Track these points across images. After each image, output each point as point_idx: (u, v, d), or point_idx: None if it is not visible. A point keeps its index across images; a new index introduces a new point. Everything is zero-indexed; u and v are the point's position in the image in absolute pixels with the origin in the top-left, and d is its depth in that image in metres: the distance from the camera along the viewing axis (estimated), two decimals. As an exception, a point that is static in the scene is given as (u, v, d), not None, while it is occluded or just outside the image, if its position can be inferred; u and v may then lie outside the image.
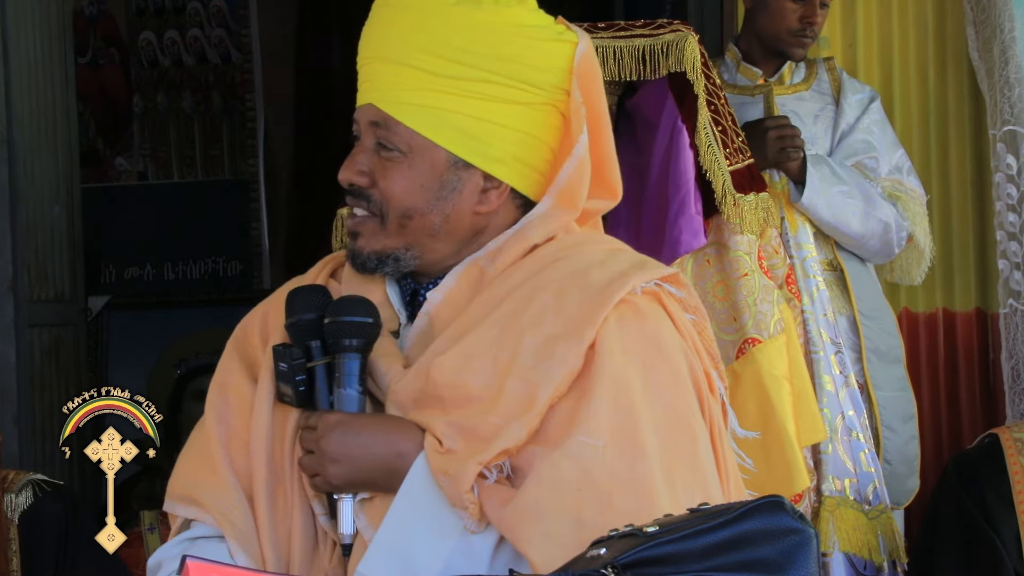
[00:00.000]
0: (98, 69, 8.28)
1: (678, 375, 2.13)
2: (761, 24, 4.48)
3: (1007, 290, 4.72)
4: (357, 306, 2.18)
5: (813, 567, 1.75)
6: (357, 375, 2.16)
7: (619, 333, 2.09)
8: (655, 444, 2.05)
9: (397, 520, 2.09)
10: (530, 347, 2.09)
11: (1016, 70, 4.70)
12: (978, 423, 4.91)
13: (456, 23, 2.17)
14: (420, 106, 2.18)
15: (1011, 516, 4.17)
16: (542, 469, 2.03)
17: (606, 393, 2.06)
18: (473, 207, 2.20)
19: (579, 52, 2.19)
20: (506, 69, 2.17)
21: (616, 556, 1.70)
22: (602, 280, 2.12)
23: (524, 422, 2.05)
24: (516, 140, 2.19)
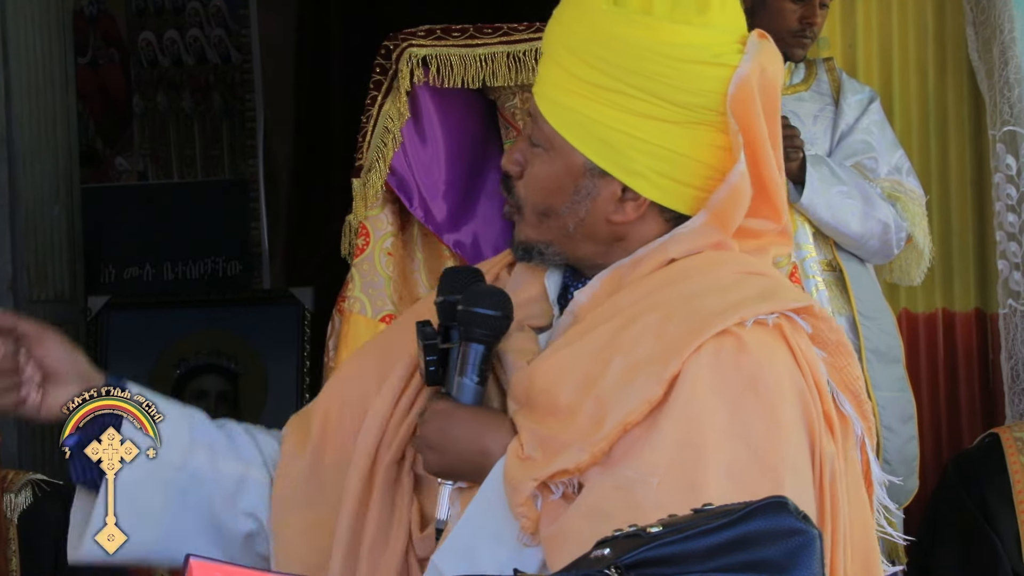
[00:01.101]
0: (98, 69, 8.28)
1: (776, 417, 2.03)
2: (761, 24, 4.43)
3: (1006, 290, 4.72)
4: (488, 297, 2.18)
5: (817, 568, 1.74)
6: (477, 365, 2.16)
7: (712, 367, 2.02)
8: (724, 486, 1.97)
9: (471, 518, 2.09)
10: (618, 368, 2.05)
11: (1016, 71, 4.70)
12: (977, 423, 4.91)
13: (602, 31, 2.14)
14: (563, 107, 2.16)
15: (1011, 515, 4.17)
16: (589, 497, 2.00)
17: (673, 429, 2.00)
18: (608, 215, 2.17)
19: (737, 76, 2.12)
20: (647, 86, 2.12)
21: (620, 556, 1.70)
22: (712, 308, 2.06)
23: (587, 445, 2.02)
24: (658, 155, 2.14)
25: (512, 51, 3.81)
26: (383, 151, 3.66)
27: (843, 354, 2.16)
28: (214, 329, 6.65)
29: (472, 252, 3.89)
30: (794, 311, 2.10)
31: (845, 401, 2.14)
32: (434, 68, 3.68)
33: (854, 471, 2.15)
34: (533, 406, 2.09)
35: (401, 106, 3.68)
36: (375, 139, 3.68)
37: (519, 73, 3.79)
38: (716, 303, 2.06)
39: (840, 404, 2.14)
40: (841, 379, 2.15)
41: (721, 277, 2.12)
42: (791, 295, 2.13)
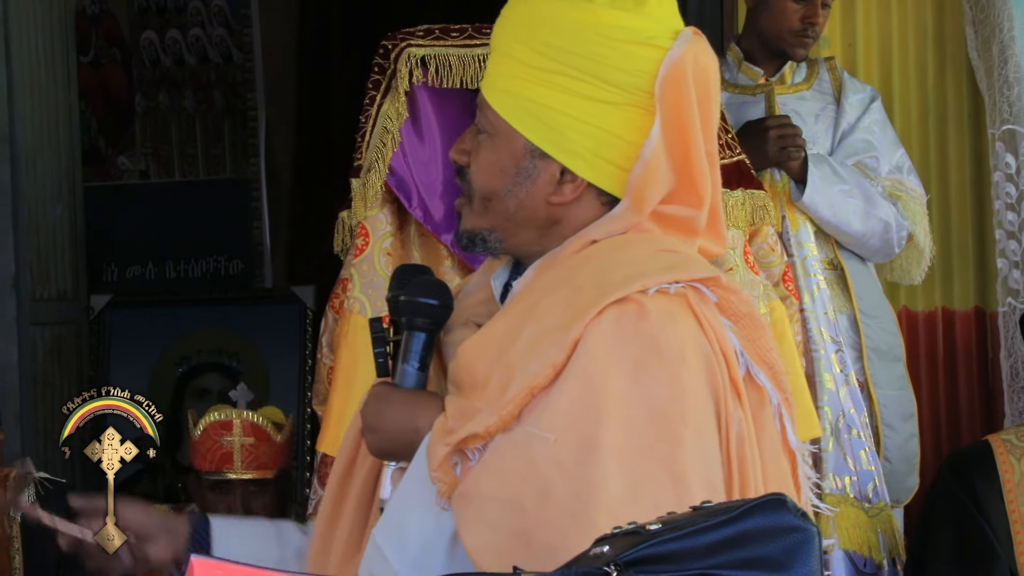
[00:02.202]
0: (100, 68, 8.28)
1: (677, 379, 2.08)
2: (763, 24, 4.48)
3: (1006, 289, 4.73)
4: (427, 288, 2.27)
5: (815, 565, 1.74)
6: (419, 353, 2.25)
7: (613, 331, 2.08)
8: (622, 444, 2.03)
9: (402, 491, 2.16)
10: (526, 338, 2.11)
11: (1015, 69, 4.70)
12: (977, 421, 4.91)
13: (550, 18, 2.22)
14: (507, 92, 2.24)
15: (1003, 511, 4.18)
16: (490, 455, 2.07)
17: (571, 389, 2.05)
18: (547, 196, 2.23)
19: (668, 58, 2.19)
20: (585, 66, 2.20)
21: (619, 554, 1.70)
22: (616, 278, 2.12)
23: (496, 409, 2.08)
24: (595, 136, 2.21)
25: (511, 51, 3.81)
26: (382, 151, 3.66)
27: (754, 326, 2.19)
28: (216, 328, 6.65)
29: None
30: (700, 281, 2.15)
31: (760, 372, 2.18)
32: (432, 68, 3.68)
33: (772, 440, 2.19)
34: (460, 384, 2.16)
35: (400, 106, 3.68)
36: (374, 139, 3.68)
37: (518, 73, 3.79)
38: (622, 274, 2.12)
39: (755, 375, 2.17)
40: (755, 350, 2.18)
41: (633, 253, 2.18)
42: (698, 267, 2.18)
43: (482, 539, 2.01)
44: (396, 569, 2.09)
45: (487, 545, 2.00)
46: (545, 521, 2.00)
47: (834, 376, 4.23)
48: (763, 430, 2.18)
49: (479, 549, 2.00)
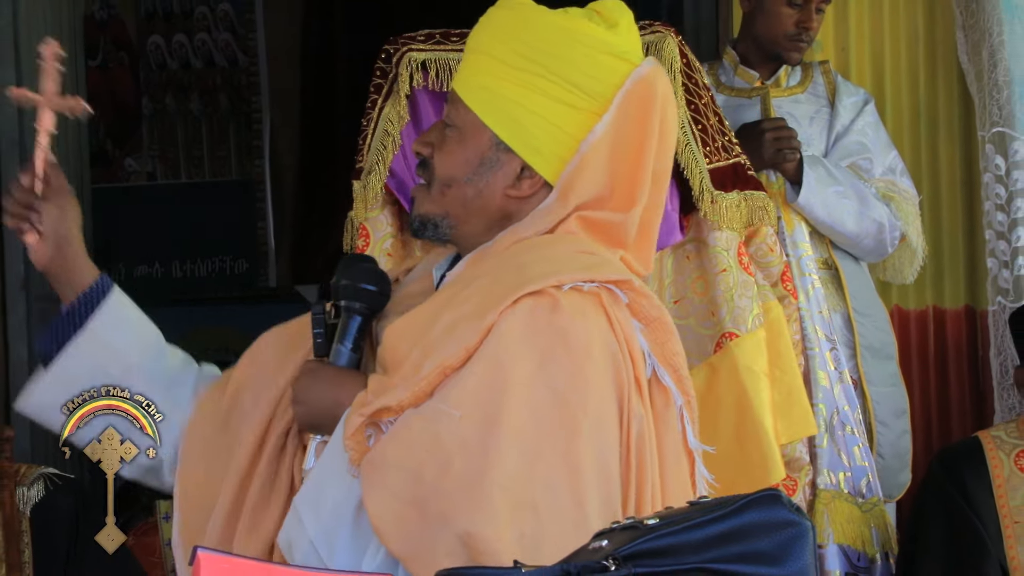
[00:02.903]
0: (108, 72, 8.28)
1: (582, 371, 2.14)
2: (758, 28, 4.48)
3: (996, 288, 4.73)
4: (366, 275, 2.35)
5: (810, 559, 1.75)
6: (353, 334, 2.32)
7: (525, 321, 2.15)
8: (523, 426, 2.09)
9: (322, 461, 2.23)
10: (445, 322, 2.18)
11: (1004, 73, 4.70)
12: (968, 418, 4.91)
13: (533, 22, 2.30)
14: (481, 88, 2.30)
15: (992, 506, 4.19)
16: (398, 426, 2.13)
17: (480, 370, 2.12)
18: (505, 189, 2.30)
19: (636, 73, 2.27)
20: (558, 68, 2.27)
21: (617, 548, 1.71)
22: (533, 273, 2.18)
23: (408, 385, 2.14)
24: (557, 137, 2.27)
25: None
26: (383, 154, 3.66)
27: (663, 331, 2.25)
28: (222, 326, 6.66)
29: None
30: (614, 283, 2.21)
31: (666, 374, 2.23)
32: (433, 72, 3.68)
33: (674, 440, 2.25)
34: (385, 365, 2.22)
35: (401, 109, 3.68)
36: (375, 142, 3.68)
37: (517, 76, 3.79)
38: (540, 269, 2.19)
39: (661, 376, 2.23)
40: (662, 353, 2.24)
41: (555, 252, 2.24)
42: (613, 270, 2.23)
43: (383, 505, 2.07)
44: (310, 534, 2.15)
45: (387, 511, 2.07)
46: (442, 492, 2.06)
47: (828, 374, 4.23)
48: (667, 429, 2.24)
49: (379, 514, 2.07)
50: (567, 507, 2.08)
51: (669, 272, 3.80)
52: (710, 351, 3.75)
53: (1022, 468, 4.25)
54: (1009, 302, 4.68)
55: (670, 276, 3.80)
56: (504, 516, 2.04)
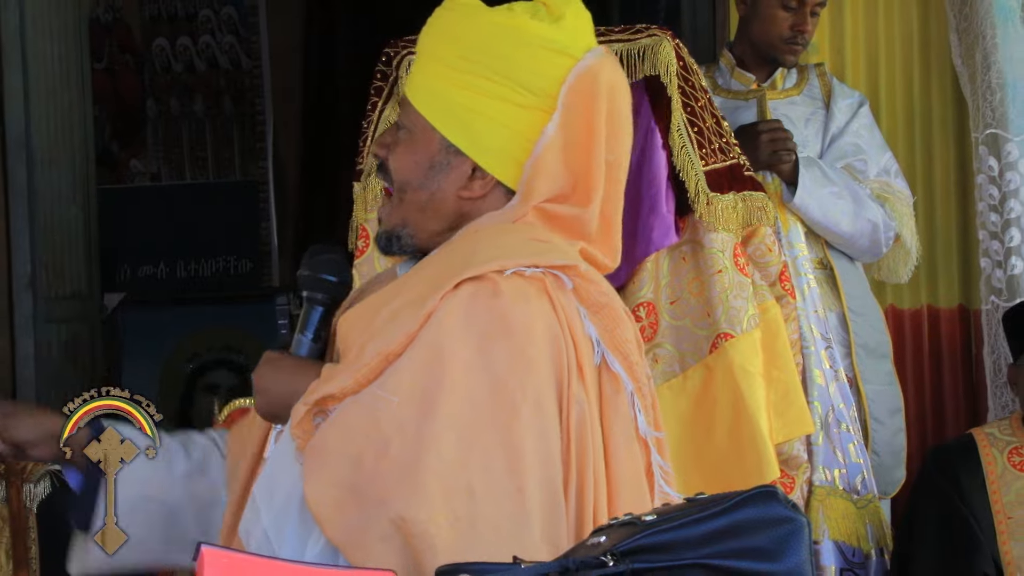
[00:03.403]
0: (113, 74, 8.28)
1: (522, 355, 2.12)
2: (754, 32, 4.48)
3: (989, 287, 4.73)
4: (325, 264, 2.34)
5: (805, 554, 1.75)
6: (314, 324, 2.32)
7: (465, 305, 2.13)
8: (460, 411, 2.08)
9: (277, 450, 2.24)
10: (390, 309, 2.17)
11: (997, 75, 4.70)
12: (961, 416, 4.91)
13: (475, 23, 2.29)
14: (429, 91, 2.29)
15: (985, 503, 4.19)
16: (338, 414, 2.12)
17: (418, 356, 2.10)
18: (457, 190, 2.27)
19: (579, 67, 2.25)
20: (502, 67, 2.25)
21: (616, 544, 1.71)
22: (477, 259, 2.17)
23: (352, 372, 2.13)
24: (505, 136, 2.25)
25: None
26: (382, 156, 3.66)
27: (611, 317, 2.22)
28: (225, 325, 6.65)
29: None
30: (559, 268, 2.19)
31: (615, 360, 2.20)
32: (437, 73, 3.67)
33: (624, 426, 2.21)
34: (340, 353, 2.22)
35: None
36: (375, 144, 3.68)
37: (518, 78, 3.79)
38: (484, 255, 2.17)
39: (610, 363, 2.20)
40: (611, 340, 2.21)
41: (504, 240, 2.23)
42: (559, 255, 2.21)
43: (321, 491, 2.06)
44: (264, 523, 2.15)
45: (324, 497, 2.06)
46: (378, 477, 2.05)
47: (824, 372, 4.23)
48: (616, 416, 2.20)
49: (317, 500, 2.06)
50: (504, 490, 2.06)
51: (666, 273, 3.80)
52: (706, 351, 3.74)
53: (1015, 465, 4.25)
54: (1002, 301, 4.68)
55: (666, 277, 3.79)
56: (438, 500, 2.03)
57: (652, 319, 3.76)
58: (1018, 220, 4.69)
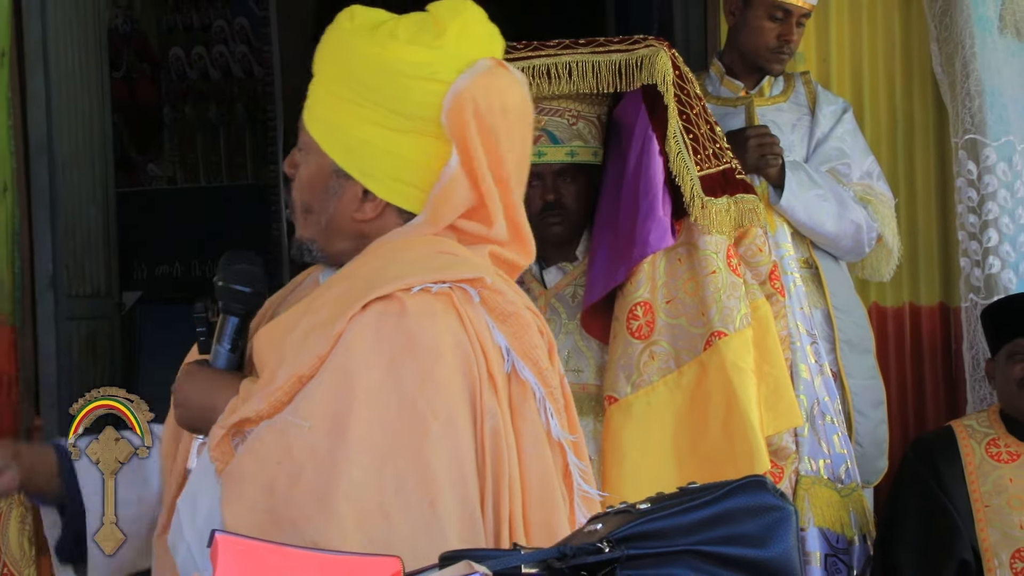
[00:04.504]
0: (131, 82, 8.28)
1: (430, 374, 2.08)
2: (742, 41, 4.48)
3: (968, 286, 4.73)
4: (238, 274, 2.29)
5: (793, 541, 1.75)
6: (230, 335, 2.27)
7: (373, 326, 2.09)
8: (371, 433, 2.04)
9: (197, 468, 2.19)
10: (301, 330, 2.13)
11: (976, 83, 4.70)
12: (941, 409, 4.92)
13: (354, 52, 2.24)
14: (318, 117, 2.27)
15: (964, 490, 4.19)
16: (252, 440, 2.09)
17: (328, 380, 2.06)
18: (351, 213, 2.24)
19: (450, 92, 2.19)
20: (375, 98, 2.21)
21: (611, 531, 1.71)
22: (384, 277, 2.13)
23: (265, 395, 2.10)
24: (391, 161, 2.22)
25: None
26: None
27: (519, 325, 2.19)
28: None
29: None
30: (465, 282, 2.15)
31: (524, 367, 2.17)
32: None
33: (534, 431, 2.17)
34: (257, 368, 2.19)
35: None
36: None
37: (517, 87, 3.79)
38: (391, 273, 2.14)
39: (519, 370, 2.17)
40: (520, 347, 2.18)
41: (410, 255, 2.19)
42: (466, 269, 2.17)
43: (239, 516, 2.03)
44: (187, 538, 2.12)
45: (243, 521, 2.02)
46: (293, 502, 2.01)
47: (809, 367, 4.23)
48: (525, 422, 2.17)
49: (236, 525, 2.02)
50: (418, 510, 2.03)
51: (662, 274, 3.80)
52: (700, 348, 3.74)
53: (992, 456, 4.25)
54: (980, 299, 4.68)
55: (662, 278, 3.79)
56: (350, 524, 1.99)
57: (649, 318, 3.76)
58: (995, 221, 4.69)
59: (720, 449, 3.68)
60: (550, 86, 3.78)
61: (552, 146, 3.86)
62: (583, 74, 3.78)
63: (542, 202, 3.87)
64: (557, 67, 3.79)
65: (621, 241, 3.78)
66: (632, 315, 3.75)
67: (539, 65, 3.79)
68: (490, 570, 1.67)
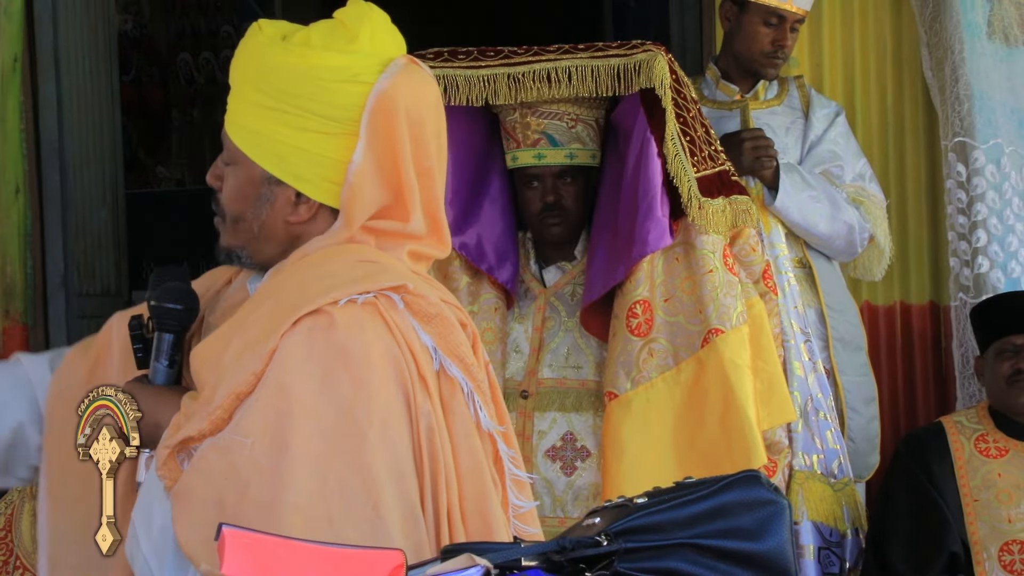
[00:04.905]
0: (140, 86, 8.28)
1: (363, 382, 2.11)
2: (737, 46, 4.48)
3: (957, 285, 4.73)
4: (174, 293, 2.32)
5: (786, 534, 1.75)
6: (166, 351, 2.29)
7: (304, 342, 2.11)
8: (311, 445, 2.06)
9: (147, 480, 2.20)
10: (235, 348, 2.14)
11: (965, 87, 4.70)
12: (932, 405, 4.92)
13: (271, 62, 2.26)
14: (242, 127, 2.28)
15: (954, 484, 4.19)
16: (197, 459, 2.11)
17: (265, 396, 2.09)
18: (285, 217, 2.26)
19: (374, 92, 2.22)
20: (301, 103, 2.23)
21: (609, 524, 1.71)
22: (310, 292, 2.15)
23: (206, 414, 2.12)
24: (319, 163, 2.24)
25: (512, 72, 3.80)
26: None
27: (444, 325, 2.22)
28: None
29: (476, 252, 3.89)
30: (389, 289, 2.18)
31: (452, 365, 2.20)
32: (441, 87, 3.67)
33: (464, 423, 2.21)
34: (197, 385, 2.19)
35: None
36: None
37: (518, 92, 3.79)
38: (316, 287, 2.16)
39: (447, 368, 2.20)
40: (446, 346, 2.21)
41: (332, 267, 2.20)
42: (388, 277, 2.20)
43: (190, 534, 2.05)
44: (143, 550, 2.14)
45: (194, 538, 2.04)
46: (241, 517, 2.03)
47: (803, 364, 4.23)
48: (455, 416, 2.20)
49: (187, 542, 2.05)
50: (362, 513, 2.06)
51: (660, 273, 3.80)
52: (698, 346, 3.74)
53: (981, 451, 4.26)
54: (970, 298, 4.68)
55: (660, 276, 3.79)
56: (298, 532, 2.01)
57: (648, 316, 3.77)
58: (984, 222, 4.69)
59: (718, 444, 3.68)
60: (550, 90, 3.79)
61: (552, 148, 3.87)
62: (583, 78, 3.78)
63: (542, 203, 3.88)
64: (557, 71, 3.79)
65: (620, 241, 3.78)
66: (631, 313, 3.76)
67: (539, 69, 3.79)
68: (491, 563, 1.68)
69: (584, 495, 3.80)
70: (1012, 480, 4.19)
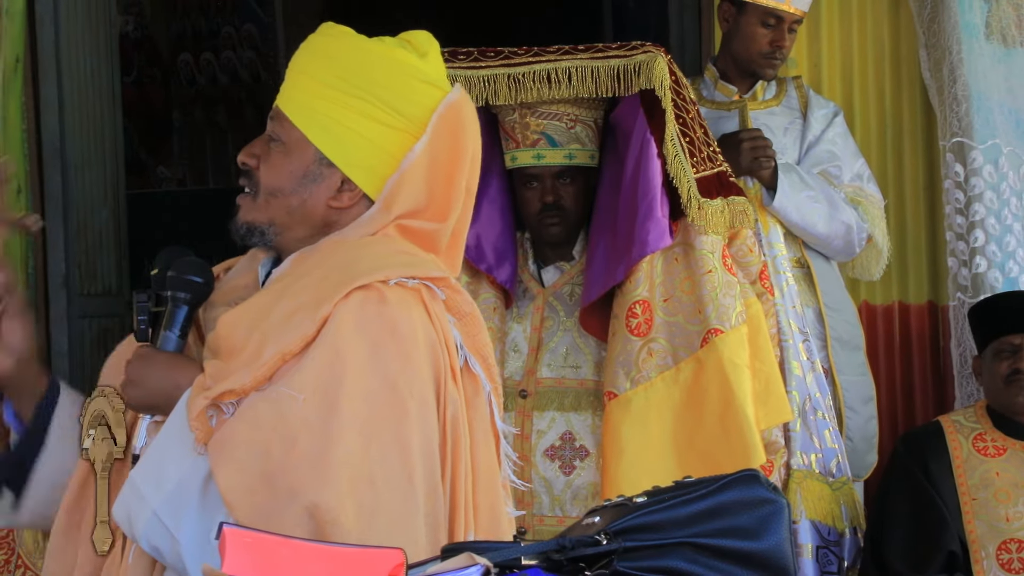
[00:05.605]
0: (142, 87, 8.28)
1: (409, 358, 2.18)
2: (735, 47, 4.48)
3: (955, 285, 4.73)
4: (191, 266, 2.34)
5: (785, 533, 1.75)
6: (180, 322, 2.31)
7: (357, 312, 2.17)
8: (360, 408, 2.13)
9: (161, 438, 2.21)
10: (281, 312, 2.19)
11: (963, 88, 4.70)
12: (930, 405, 4.92)
13: (355, 50, 2.33)
14: (305, 107, 2.31)
15: (952, 483, 4.19)
16: (245, 408, 2.14)
17: (321, 356, 2.14)
18: (327, 199, 2.30)
19: (447, 99, 2.30)
20: (375, 92, 2.28)
21: (608, 523, 1.71)
22: (361, 269, 2.21)
23: (250, 370, 2.15)
24: (374, 154, 2.29)
25: (512, 73, 3.81)
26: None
27: (474, 324, 2.29)
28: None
29: (475, 252, 3.90)
30: (432, 280, 2.25)
31: (476, 363, 2.28)
32: (442, 87, 3.67)
33: (483, 422, 2.29)
34: (217, 351, 2.22)
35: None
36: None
37: (518, 93, 3.80)
38: (366, 266, 2.22)
39: (471, 365, 2.27)
40: (473, 345, 2.28)
41: (376, 250, 2.27)
42: (432, 268, 2.27)
43: (233, 479, 2.09)
44: (152, 506, 2.15)
45: (237, 484, 2.08)
46: (289, 467, 2.09)
47: (801, 363, 4.23)
48: (476, 413, 2.27)
49: (230, 487, 2.09)
50: (399, 480, 2.13)
51: (659, 273, 3.80)
52: (697, 345, 3.75)
53: (979, 450, 4.26)
54: (968, 298, 4.68)
55: (660, 277, 3.79)
56: (345, 489, 2.08)
57: (647, 316, 3.77)
58: (982, 222, 4.69)
59: (717, 443, 3.69)
60: (550, 90, 3.79)
61: (551, 149, 3.87)
62: (583, 79, 3.79)
63: (541, 203, 3.88)
64: (557, 72, 3.79)
65: (620, 241, 3.78)
66: (631, 313, 3.76)
67: (540, 70, 3.79)
68: (491, 561, 1.67)
69: (583, 494, 3.80)
70: (1010, 479, 4.19)
